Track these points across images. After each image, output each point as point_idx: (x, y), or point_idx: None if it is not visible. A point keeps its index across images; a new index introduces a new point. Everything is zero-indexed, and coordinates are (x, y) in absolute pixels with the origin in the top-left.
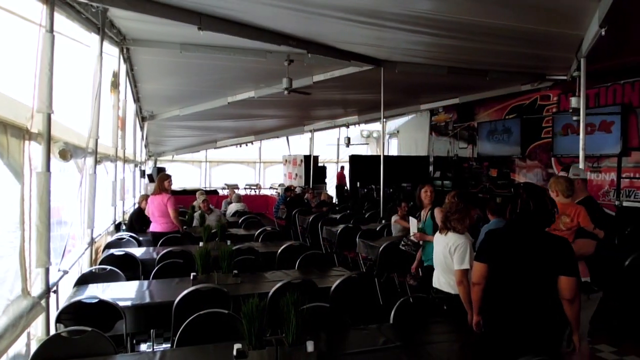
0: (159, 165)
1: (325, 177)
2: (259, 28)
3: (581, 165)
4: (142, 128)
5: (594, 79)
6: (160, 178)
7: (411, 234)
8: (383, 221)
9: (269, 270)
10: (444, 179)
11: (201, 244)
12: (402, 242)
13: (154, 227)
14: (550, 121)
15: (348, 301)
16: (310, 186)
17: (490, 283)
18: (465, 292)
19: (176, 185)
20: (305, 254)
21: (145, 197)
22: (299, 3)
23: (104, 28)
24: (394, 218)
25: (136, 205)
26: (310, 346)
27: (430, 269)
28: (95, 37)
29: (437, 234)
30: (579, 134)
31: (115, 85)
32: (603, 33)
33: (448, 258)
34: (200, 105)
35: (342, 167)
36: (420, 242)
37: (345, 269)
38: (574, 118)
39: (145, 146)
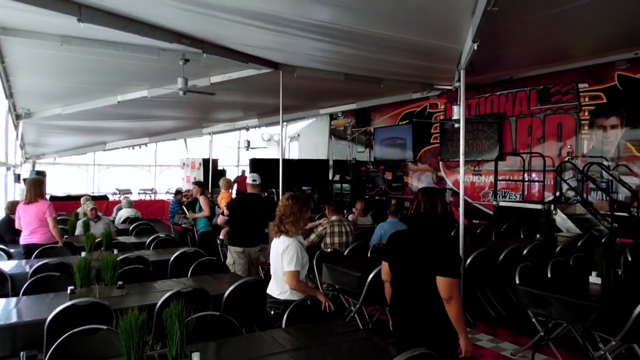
0: (37, 168)
1: None
2: (148, 24)
3: (462, 168)
4: (16, 127)
5: (475, 89)
6: (34, 183)
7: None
8: None
9: (160, 279)
10: (343, 182)
11: (83, 254)
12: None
13: (29, 239)
14: (438, 127)
15: (244, 308)
16: (210, 190)
17: (392, 281)
18: (303, 292)
19: (59, 191)
20: (199, 260)
21: (15, 204)
22: (193, 3)
23: None
24: None
25: (5, 214)
26: (196, 358)
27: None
28: None
29: (274, 239)
30: None
31: None
32: (476, 47)
33: (278, 261)
34: (86, 103)
35: (244, 171)
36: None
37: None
38: (456, 126)
39: (21, 147)
